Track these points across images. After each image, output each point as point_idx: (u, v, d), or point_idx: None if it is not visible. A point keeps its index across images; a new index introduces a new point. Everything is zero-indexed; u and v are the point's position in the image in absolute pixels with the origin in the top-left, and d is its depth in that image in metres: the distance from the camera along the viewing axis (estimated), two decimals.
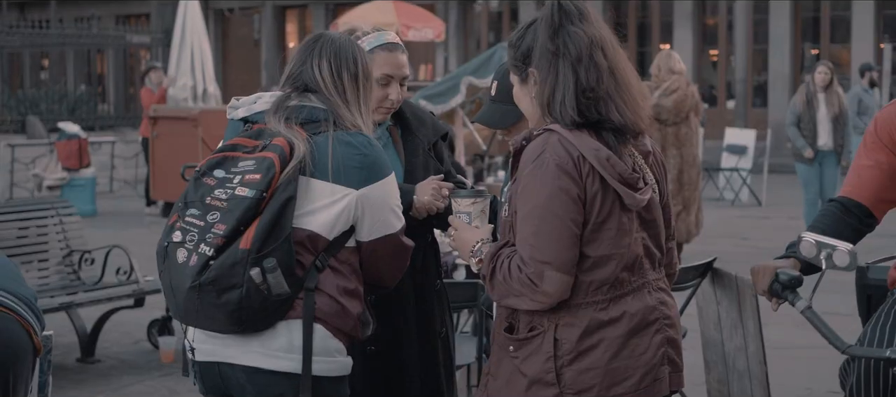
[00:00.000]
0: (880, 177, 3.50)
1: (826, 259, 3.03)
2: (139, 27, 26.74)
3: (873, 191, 3.51)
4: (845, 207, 3.53)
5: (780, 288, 3.21)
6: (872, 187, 3.51)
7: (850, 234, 3.46)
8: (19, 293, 3.41)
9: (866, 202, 3.52)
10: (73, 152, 15.68)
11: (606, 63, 2.87)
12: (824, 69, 11.29)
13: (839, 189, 11.75)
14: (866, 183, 3.51)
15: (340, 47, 3.23)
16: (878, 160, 3.49)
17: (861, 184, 3.51)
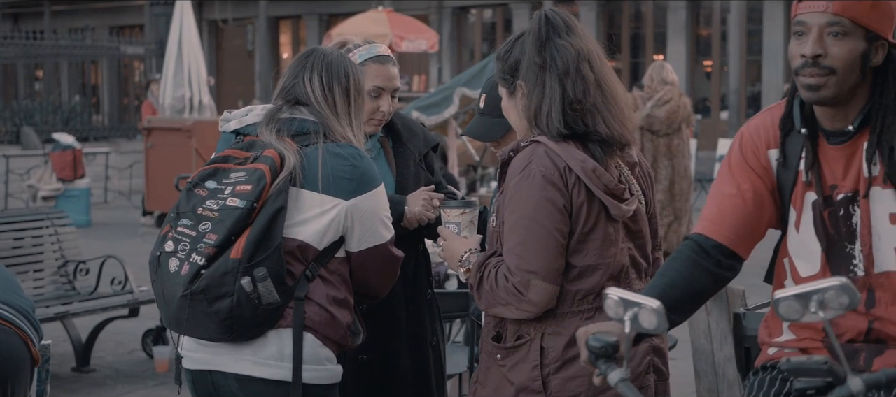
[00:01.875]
0: (744, 208, 2.75)
1: (631, 321, 2.34)
2: (133, 38, 26.78)
3: (735, 226, 2.74)
4: (701, 248, 2.74)
5: (591, 356, 2.45)
6: (734, 222, 2.74)
7: (706, 282, 2.74)
8: (17, 304, 3.44)
9: (727, 241, 2.74)
10: (68, 163, 15.70)
11: (593, 76, 2.91)
12: None
13: None
14: (727, 216, 2.75)
15: (332, 62, 3.27)
16: (742, 187, 2.74)
17: (721, 218, 2.75)
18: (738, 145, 2.81)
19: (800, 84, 2.59)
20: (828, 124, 2.67)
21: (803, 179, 2.72)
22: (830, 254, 2.70)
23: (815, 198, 2.70)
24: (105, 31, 31.01)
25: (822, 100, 2.59)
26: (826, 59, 2.55)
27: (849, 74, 2.56)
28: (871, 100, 2.61)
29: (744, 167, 2.78)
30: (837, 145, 2.66)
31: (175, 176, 8.30)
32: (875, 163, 2.61)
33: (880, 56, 2.60)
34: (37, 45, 22.64)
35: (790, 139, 2.72)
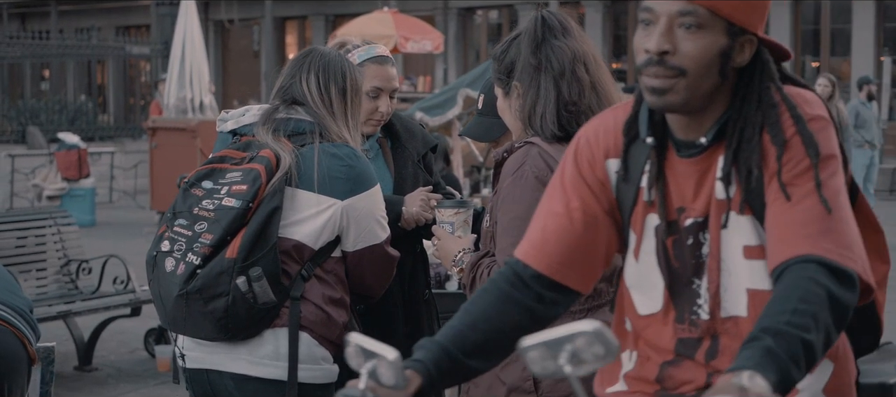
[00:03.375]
0: (571, 231, 2.20)
1: (369, 374, 1.86)
2: (139, 38, 26.83)
3: (560, 253, 2.20)
4: (518, 278, 2.20)
5: None
6: (559, 247, 2.19)
7: (522, 320, 2.17)
8: (13, 303, 3.46)
9: (548, 270, 2.19)
10: (73, 162, 15.74)
11: (588, 78, 2.91)
12: (825, 82, 10.87)
13: None
14: (550, 240, 2.20)
15: (329, 62, 3.29)
16: (570, 205, 2.21)
17: (543, 242, 2.21)
18: (573, 152, 2.26)
19: (643, 86, 2.06)
20: (680, 133, 2.13)
21: (645, 198, 2.18)
22: (674, 291, 2.17)
23: (658, 222, 2.16)
24: (111, 31, 31.06)
25: (669, 107, 2.06)
26: (675, 56, 2.02)
27: (703, 76, 2.03)
28: (731, 108, 2.09)
29: (576, 180, 2.23)
30: (688, 159, 2.13)
31: (178, 176, 8.32)
32: (731, 183, 2.08)
33: (746, 54, 2.07)
34: (43, 44, 22.72)
35: (634, 148, 2.18)
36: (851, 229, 1.99)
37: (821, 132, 2.03)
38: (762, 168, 2.05)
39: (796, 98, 2.07)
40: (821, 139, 2.02)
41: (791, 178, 2.00)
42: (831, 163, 2.02)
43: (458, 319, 2.16)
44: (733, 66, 2.07)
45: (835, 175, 2.01)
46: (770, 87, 2.07)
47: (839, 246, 1.94)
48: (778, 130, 2.03)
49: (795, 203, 1.98)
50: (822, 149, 2.01)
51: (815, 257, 1.92)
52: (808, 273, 1.91)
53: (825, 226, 1.96)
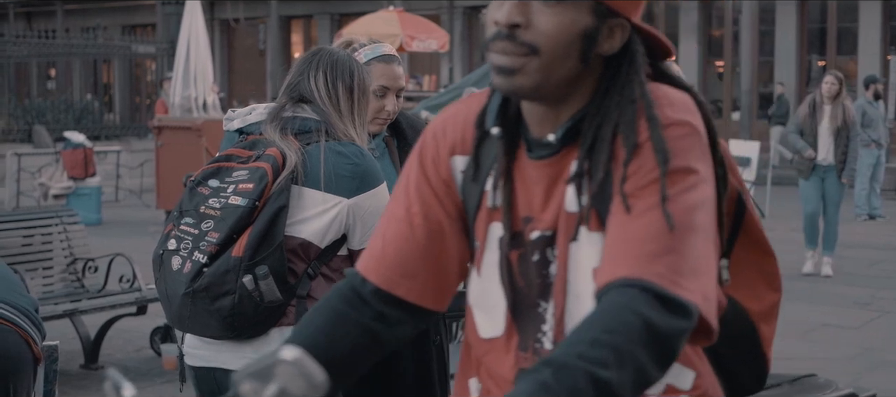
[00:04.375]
0: (412, 240, 1.92)
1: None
2: (145, 37, 26.85)
3: (401, 264, 1.91)
4: (356, 294, 1.93)
5: None
6: (398, 259, 1.91)
7: (361, 342, 1.90)
8: (17, 303, 3.47)
9: (388, 284, 1.91)
10: (79, 161, 15.75)
11: None
12: (832, 79, 10.59)
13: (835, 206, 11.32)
14: (390, 250, 1.92)
15: (338, 60, 3.30)
16: (412, 210, 1.93)
17: (383, 251, 1.93)
18: (419, 149, 1.97)
19: (491, 63, 1.77)
20: (535, 129, 1.83)
21: (489, 203, 1.88)
22: (517, 314, 1.87)
23: (502, 233, 1.86)
24: (117, 30, 31.11)
25: (517, 91, 1.76)
26: (527, 31, 1.72)
27: (560, 58, 1.73)
28: (592, 103, 1.79)
29: (419, 181, 1.94)
30: (538, 161, 1.82)
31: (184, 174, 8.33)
32: (583, 193, 1.77)
33: (616, 41, 1.78)
34: (49, 43, 22.75)
35: (487, 143, 1.88)
36: (701, 254, 1.67)
37: (679, 140, 1.71)
38: (612, 175, 1.74)
39: (661, 99, 1.75)
40: (677, 147, 1.70)
41: (635, 189, 1.69)
42: (686, 177, 1.69)
43: (287, 342, 1.85)
44: (599, 53, 1.77)
45: (690, 190, 1.69)
46: (634, 81, 1.77)
47: (676, 271, 1.63)
48: (630, 132, 1.72)
49: (634, 217, 1.68)
50: (674, 159, 1.69)
51: (639, 281, 1.62)
52: (625, 299, 1.61)
53: (663, 247, 1.64)
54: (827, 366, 7.29)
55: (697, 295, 1.63)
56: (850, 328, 8.48)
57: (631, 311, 1.59)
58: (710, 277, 1.68)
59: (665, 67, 1.87)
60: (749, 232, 1.98)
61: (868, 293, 9.78)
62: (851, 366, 7.32)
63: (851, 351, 7.74)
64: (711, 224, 1.72)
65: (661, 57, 1.86)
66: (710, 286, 1.67)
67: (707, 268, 1.67)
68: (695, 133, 1.74)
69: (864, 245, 12.64)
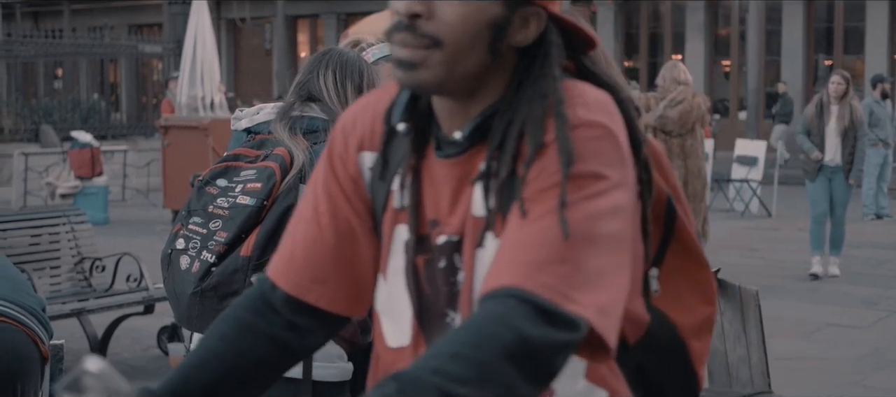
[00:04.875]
0: (321, 241, 1.79)
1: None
2: (152, 36, 26.89)
3: (310, 268, 1.79)
4: (265, 302, 1.81)
5: None
6: (307, 260, 1.79)
7: (268, 354, 1.79)
8: (24, 303, 3.47)
9: (296, 289, 1.79)
10: (86, 161, 15.79)
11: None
12: (839, 79, 10.48)
13: (842, 206, 11.32)
14: (299, 251, 1.80)
15: (348, 60, 3.32)
16: (318, 209, 1.81)
17: (292, 254, 1.81)
18: (329, 143, 1.84)
19: (392, 55, 1.65)
20: (445, 125, 1.69)
21: (395, 203, 1.74)
22: (424, 323, 1.75)
23: (409, 236, 1.73)
24: (124, 29, 31.17)
25: (420, 86, 1.63)
26: (429, 22, 1.59)
27: (465, 51, 1.60)
28: (504, 98, 1.65)
29: (328, 178, 1.81)
30: (446, 160, 1.68)
31: (191, 174, 8.34)
32: (491, 196, 1.63)
33: (531, 31, 1.63)
34: (56, 43, 22.78)
35: (396, 139, 1.74)
36: (602, 265, 1.52)
37: (589, 142, 1.55)
38: (518, 177, 1.59)
39: (575, 97, 1.60)
40: (585, 150, 1.55)
41: (535, 192, 1.55)
42: (592, 182, 1.54)
43: (190, 358, 1.77)
44: (512, 45, 1.63)
45: (597, 197, 1.53)
46: (547, 76, 1.62)
47: (566, 282, 1.49)
48: (536, 131, 1.58)
49: (529, 223, 1.54)
50: (580, 163, 1.54)
51: (519, 291, 1.47)
52: (500, 310, 1.46)
53: (555, 256, 1.50)
54: (834, 366, 7.29)
55: (591, 309, 1.48)
56: (857, 328, 8.48)
57: (503, 324, 1.45)
58: (614, 290, 1.53)
59: (589, 62, 1.71)
60: (681, 239, 1.81)
61: (875, 292, 9.77)
62: (859, 366, 7.31)
63: (859, 350, 7.73)
64: (623, 233, 1.56)
65: (584, 50, 1.71)
66: (610, 299, 1.52)
67: (611, 281, 1.53)
68: (608, 135, 1.58)
69: (872, 244, 12.63)
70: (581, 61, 1.71)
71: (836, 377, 7.07)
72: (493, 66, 1.63)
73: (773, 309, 8.09)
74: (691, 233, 1.83)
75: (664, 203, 1.80)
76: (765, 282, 9.31)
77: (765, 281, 9.64)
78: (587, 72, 1.70)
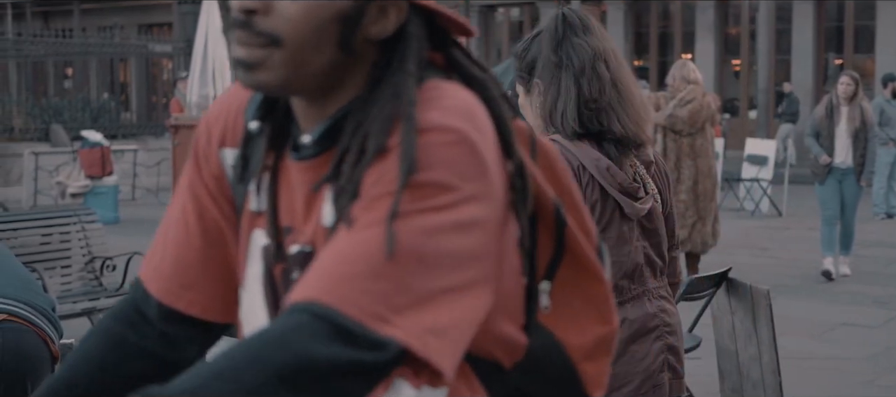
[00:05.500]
0: (187, 243, 1.67)
1: None
2: (162, 36, 26.93)
3: (179, 270, 1.67)
4: (138, 312, 1.68)
5: None
6: (176, 263, 1.67)
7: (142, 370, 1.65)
8: (34, 302, 3.48)
9: (166, 296, 1.66)
10: (96, 160, 15.81)
11: (609, 75, 2.90)
12: (848, 80, 10.39)
13: (852, 209, 11.21)
14: (169, 254, 1.68)
15: None
16: (185, 208, 1.68)
17: (162, 258, 1.68)
18: (195, 137, 1.72)
19: (231, 54, 1.53)
20: (303, 124, 1.54)
21: (252, 206, 1.60)
22: None
23: (267, 242, 1.59)
24: (134, 29, 31.22)
25: (263, 88, 1.48)
26: (266, 18, 1.44)
27: (311, 49, 1.44)
28: (360, 95, 1.49)
29: (193, 175, 1.68)
30: (300, 163, 1.53)
31: None
32: (343, 201, 1.46)
33: (390, 22, 1.47)
34: (66, 43, 22.82)
35: (256, 137, 1.61)
36: (436, 284, 1.35)
37: (437, 148, 1.38)
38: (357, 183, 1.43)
39: (432, 98, 1.44)
40: (432, 157, 1.37)
41: (368, 201, 1.39)
42: (436, 194, 1.37)
43: (54, 377, 1.64)
44: (369, 38, 1.47)
45: (440, 210, 1.37)
46: (403, 72, 1.46)
47: (382, 301, 1.32)
48: (380, 134, 1.42)
49: (352, 233, 1.38)
50: (424, 171, 1.37)
51: (317, 307, 1.32)
52: (286, 326, 1.31)
53: (372, 271, 1.33)
54: (845, 366, 7.28)
55: (412, 330, 1.32)
56: (868, 327, 8.46)
57: (284, 342, 1.29)
58: (453, 311, 1.36)
59: (460, 55, 1.54)
60: (573, 251, 1.60)
61: (887, 292, 9.74)
62: (870, 366, 7.29)
63: (870, 350, 7.71)
64: (473, 249, 1.39)
65: (454, 42, 1.54)
66: (446, 320, 1.35)
67: (449, 301, 1.36)
68: (462, 142, 1.39)
69: (882, 244, 12.59)
70: (453, 54, 1.53)
71: (847, 376, 7.05)
72: (348, 63, 1.47)
73: (784, 308, 8.07)
74: (582, 244, 1.61)
75: (552, 211, 1.57)
76: (775, 282, 9.30)
77: (775, 280, 9.62)
78: (458, 66, 1.53)
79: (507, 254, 1.50)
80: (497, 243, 1.44)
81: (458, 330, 1.38)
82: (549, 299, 1.61)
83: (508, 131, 1.49)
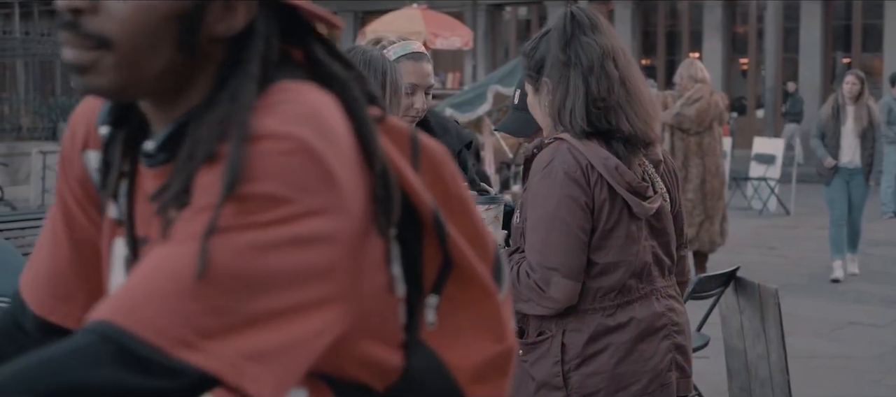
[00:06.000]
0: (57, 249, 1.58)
1: None
2: None
3: (53, 279, 1.58)
4: (15, 324, 1.60)
5: None
6: (50, 273, 1.58)
7: None
8: None
9: (40, 307, 1.57)
10: None
11: (618, 73, 2.90)
12: (853, 79, 10.34)
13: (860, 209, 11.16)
14: (44, 262, 1.59)
15: (371, 59, 3.32)
16: (54, 214, 1.60)
17: (38, 267, 1.60)
18: (63, 140, 1.60)
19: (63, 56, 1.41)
20: (153, 127, 1.43)
21: (112, 213, 1.50)
22: None
23: (127, 253, 1.48)
24: None
25: (96, 92, 1.36)
26: (94, 18, 1.31)
27: (145, 51, 1.31)
28: (205, 100, 1.36)
29: (61, 179, 1.58)
30: (151, 170, 1.41)
31: None
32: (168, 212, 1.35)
33: (239, 19, 1.34)
34: None
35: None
36: (263, 305, 1.22)
37: (270, 157, 1.24)
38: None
39: (274, 102, 1.29)
40: (264, 167, 1.24)
41: (191, 213, 1.27)
42: (269, 207, 1.23)
43: None
44: (215, 37, 1.34)
45: (272, 225, 1.23)
46: (244, 73, 1.33)
47: (187, 324, 1.20)
48: (210, 141, 1.29)
49: (166, 247, 1.26)
50: (253, 183, 1.23)
51: (106, 327, 1.19)
52: (71, 348, 1.19)
53: (180, 290, 1.20)
54: (853, 365, 7.27)
55: (223, 357, 1.20)
56: (876, 326, 8.45)
57: (61, 365, 1.17)
58: (283, 333, 1.23)
59: (321, 53, 1.42)
60: (457, 263, 1.45)
61: (894, 291, 9.73)
62: (878, 365, 7.29)
63: (878, 349, 7.71)
64: (315, 267, 1.26)
65: (319, 38, 1.44)
66: (273, 344, 1.23)
67: (279, 323, 1.23)
68: (301, 150, 1.25)
69: (891, 243, 12.58)
70: (312, 51, 1.41)
71: (855, 375, 7.05)
72: (193, 64, 1.35)
73: (792, 307, 8.07)
74: (470, 255, 1.46)
75: (431, 221, 1.42)
76: (783, 281, 9.29)
77: (783, 279, 9.62)
78: (317, 64, 1.40)
79: (371, 270, 1.36)
80: (352, 259, 1.30)
81: (289, 355, 1.24)
82: (437, 315, 1.46)
83: (369, 137, 1.34)
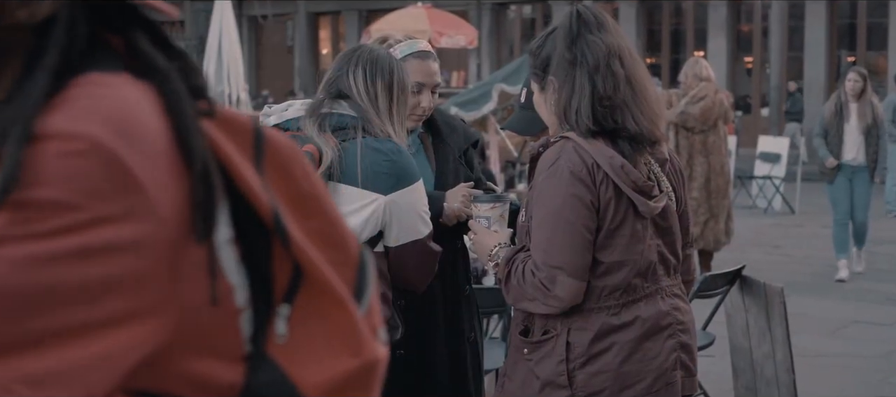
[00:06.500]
0: None
1: None
2: (173, 33, 26.97)
3: None
4: None
5: None
6: None
7: None
8: None
9: None
10: None
11: (623, 72, 2.90)
12: (856, 77, 10.30)
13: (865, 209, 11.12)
14: None
15: (378, 58, 3.33)
16: None
17: None
18: None
19: None
20: None
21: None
22: None
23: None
24: None
25: None
26: None
27: None
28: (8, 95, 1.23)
29: None
30: None
31: None
32: None
33: (44, 5, 1.18)
34: None
35: None
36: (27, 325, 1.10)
37: (59, 160, 1.12)
38: None
39: (73, 97, 1.16)
40: (49, 171, 1.11)
41: None
42: (50, 215, 1.10)
43: None
44: (17, 25, 1.19)
45: (54, 235, 1.10)
46: (40, 66, 1.18)
47: None
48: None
49: None
50: (33, 188, 1.10)
51: None
52: None
53: None
54: (859, 363, 7.28)
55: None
56: (882, 325, 8.45)
57: None
58: (68, 353, 1.11)
59: (141, 41, 1.29)
60: (305, 269, 1.32)
61: None
62: (883, 364, 7.29)
63: (883, 347, 7.71)
64: (113, 279, 1.14)
65: (145, 24, 1.32)
66: (50, 366, 1.11)
67: (63, 343, 1.12)
68: (94, 153, 1.12)
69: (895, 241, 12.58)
70: (132, 39, 1.28)
71: (861, 374, 7.06)
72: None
73: (798, 306, 8.07)
74: (318, 260, 1.32)
75: (271, 222, 1.29)
76: (789, 279, 9.29)
77: (789, 278, 9.62)
78: (136, 53, 1.27)
79: (195, 279, 1.23)
80: (164, 267, 1.18)
81: (78, 377, 1.12)
82: (288, 326, 1.33)
83: (187, 134, 1.21)
